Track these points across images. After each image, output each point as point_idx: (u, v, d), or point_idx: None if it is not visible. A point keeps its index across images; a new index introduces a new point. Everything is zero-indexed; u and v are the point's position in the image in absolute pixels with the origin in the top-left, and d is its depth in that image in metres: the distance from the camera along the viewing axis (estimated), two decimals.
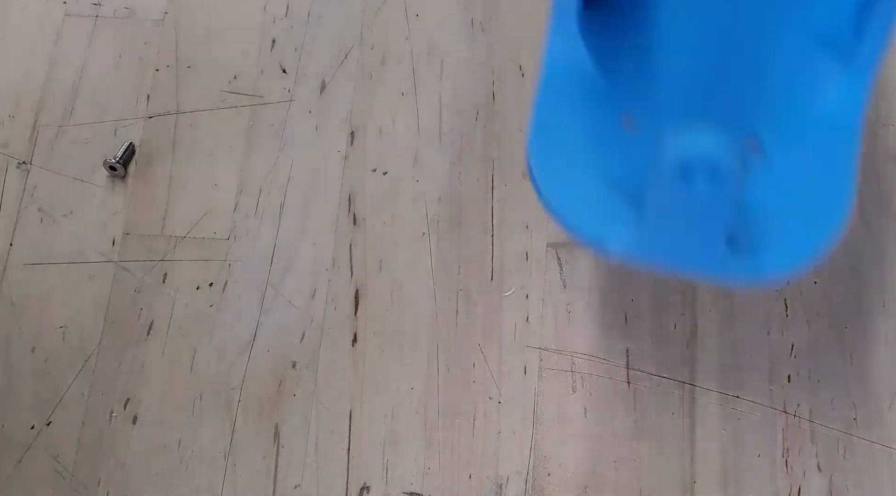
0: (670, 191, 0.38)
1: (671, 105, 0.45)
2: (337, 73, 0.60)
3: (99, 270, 0.57)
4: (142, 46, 0.61)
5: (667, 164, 0.37)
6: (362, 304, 0.55)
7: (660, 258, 0.42)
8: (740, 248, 0.42)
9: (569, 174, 0.44)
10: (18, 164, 0.59)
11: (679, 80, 0.46)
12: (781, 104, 0.45)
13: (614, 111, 0.45)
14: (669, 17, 0.47)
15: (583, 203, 0.43)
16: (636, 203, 0.41)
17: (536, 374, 0.53)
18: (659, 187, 0.38)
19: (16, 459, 0.53)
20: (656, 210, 0.39)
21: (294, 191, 0.58)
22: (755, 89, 0.45)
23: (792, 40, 0.46)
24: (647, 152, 0.42)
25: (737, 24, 0.47)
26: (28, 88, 0.61)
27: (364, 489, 0.52)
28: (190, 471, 0.52)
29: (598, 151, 0.44)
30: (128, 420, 0.54)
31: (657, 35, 0.46)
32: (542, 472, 0.51)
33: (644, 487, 0.51)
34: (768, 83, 0.46)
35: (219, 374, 0.54)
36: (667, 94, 0.45)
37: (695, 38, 0.46)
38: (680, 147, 0.37)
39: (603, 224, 0.42)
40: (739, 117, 0.45)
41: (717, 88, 0.45)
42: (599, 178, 0.43)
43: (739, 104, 0.45)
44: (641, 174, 0.41)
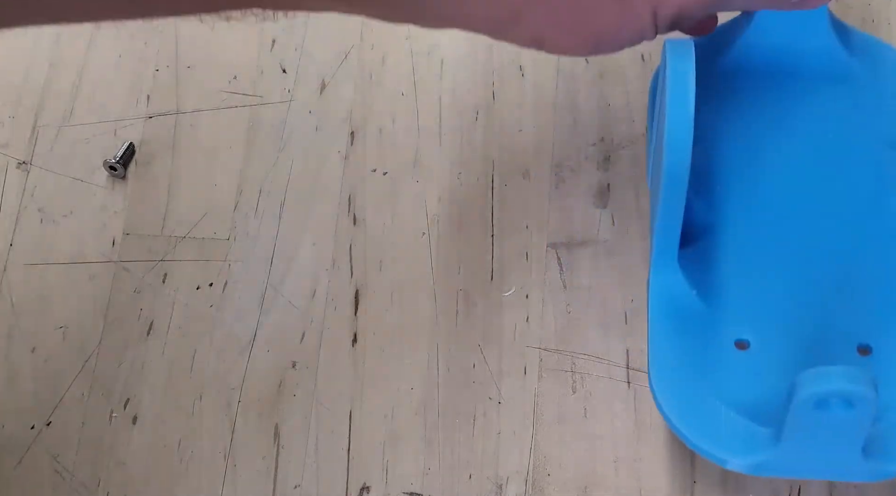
0: (807, 419, 0.41)
1: (778, 327, 0.48)
2: (337, 73, 0.60)
3: (99, 270, 0.57)
4: (142, 46, 0.61)
5: (803, 400, 0.40)
6: (362, 304, 0.55)
7: (793, 471, 0.45)
8: (873, 452, 0.44)
9: (692, 400, 0.46)
10: (18, 164, 0.59)
11: (782, 301, 0.48)
12: (883, 304, 0.48)
13: (726, 335, 0.48)
14: (754, 246, 0.50)
15: (710, 426, 0.46)
16: (761, 420, 0.45)
17: (536, 374, 0.53)
18: (796, 417, 0.41)
19: (16, 459, 0.53)
20: (793, 433, 0.42)
21: (294, 191, 0.58)
22: (854, 296, 0.48)
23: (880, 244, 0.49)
24: (762, 370, 0.47)
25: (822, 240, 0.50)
26: (28, 88, 0.61)
27: (364, 489, 0.52)
28: (190, 471, 0.52)
29: (716, 374, 0.47)
30: (128, 420, 0.54)
31: (751, 260, 0.50)
32: (542, 472, 0.51)
33: (644, 487, 0.51)
34: (867, 288, 0.48)
35: (219, 374, 0.54)
36: (771, 315, 0.48)
37: (786, 262, 0.49)
38: (814, 385, 0.40)
39: (732, 444, 0.45)
40: (846, 324, 0.48)
41: (817, 303, 0.48)
42: (721, 400, 0.46)
43: (843, 312, 0.48)
44: (760, 392, 0.46)
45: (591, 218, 0.56)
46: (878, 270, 0.49)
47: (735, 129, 0.53)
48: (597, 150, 0.58)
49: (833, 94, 0.53)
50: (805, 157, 0.52)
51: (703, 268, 0.50)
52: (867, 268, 0.49)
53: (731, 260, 0.50)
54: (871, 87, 0.53)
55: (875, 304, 0.48)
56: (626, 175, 0.57)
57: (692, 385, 0.47)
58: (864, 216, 0.50)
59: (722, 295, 0.49)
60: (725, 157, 0.52)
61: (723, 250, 0.50)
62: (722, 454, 0.45)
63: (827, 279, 0.49)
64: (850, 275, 0.49)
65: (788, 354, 0.47)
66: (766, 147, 0.52)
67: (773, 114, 0.53)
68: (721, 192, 0.51)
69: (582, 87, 0.59)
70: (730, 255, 0.50)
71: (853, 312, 0.48)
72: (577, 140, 0.58)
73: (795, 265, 0.49)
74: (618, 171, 0.57)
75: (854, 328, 0.48)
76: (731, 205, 0.51)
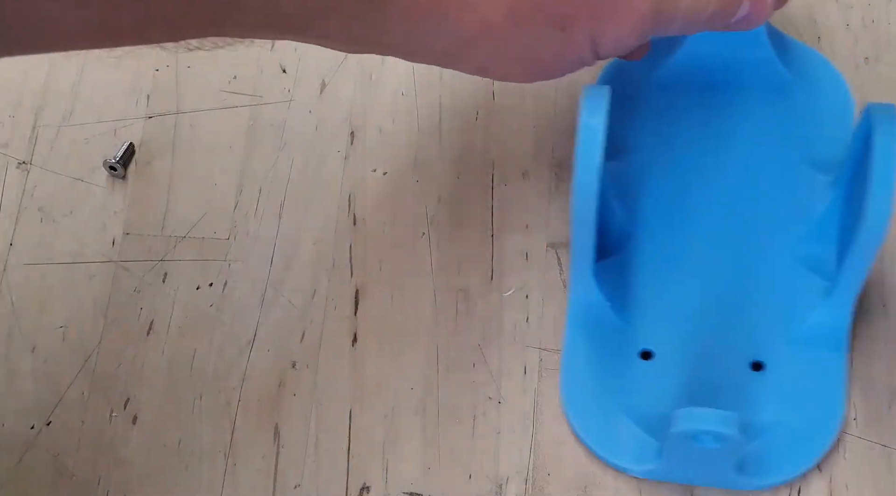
0: (682, 447, 0.45)
1: (680, 341, 0.50)
2: (337, 73, 0.60)
3: (99, 270, 0.57)
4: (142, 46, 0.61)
5: (676, 434, 0.44)
6: (362, 304, 0.55)
7: (677, 479, 0.49)
8: (749, 469, 0.48)
9: (595, 407, 0.50)
10: (18, 164, 0.59)
11: (685, 315, 0.51)
12: (778, 324, 0.50)
13: (633, 346, 0.51)
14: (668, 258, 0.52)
15: (609, 434, 0.49)
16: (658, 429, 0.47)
17: (536, 374, 0.53)
18: (672, 444, 0.45)
19: (16, 459, 0.53)
20: (671, 453, 0.46)
21: (294, 191, 0.58)
22: (752, 313, 0.51)
23: (783, 264, 0.51)
24: (662, 382, 0.50)
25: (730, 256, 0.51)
26: (28, 88, 0.61)
27: (364, 489, 0.52)
28: (190, 471, 0.52)
29: (621, 384, 0.50)
30: (128, 419, 0.54)
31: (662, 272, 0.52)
32: (542, 472, 0.51)
33: (644, 487, 0.51)
34: (764, 306, 0.51)
35: (219, 374, 0.54)
36: (675, 329, 0.51)
37: (695, 276, 0.51)
38: (686, 424, 0.43)
39: (625, 454, 0.49)
40: (742, 341, 0.50)
41: (718, 319, 0.51)
42: (623, 410, 0.49)
43: (741, 329, 0.50)
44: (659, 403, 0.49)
45: None
46: (776, 290, 0.51)
47: (665, 139, 0.54)
48: None
49: (765, 107, 0.54)
50: (725, 170, 0.53)
51: (618, 280, 0.52)
52: (766, 287, 0.51)
53: (643, 271, 0.52)
54: (802, 102, 0.54)
55: (770, 323, 0.50)
56: None
57: (598, 395, 0.50)
58: (770, 235, 0.52)
59: (633, 306, 0.51)
60: (652, 167, 0.53)
61: (637, 262, 0.52)
62: (617, 462, 0.49)
63: (729, 295, 0.51)
64: (750, 292, 0.51)
65: (687, 368, 0.50)
66: (690, 159, 0.53)
67: (703, 125, 0.54)
68: (643, 202, 0.53)
69: (582, 87, 0.59)
70: (643, 267, 0.52)
71: (749, 329, 0.50)
72: None
73: (702, 279, 0.51)
74: None
75: (749, 344, 0.50)
76: (649, 216, 0.53)
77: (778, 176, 0.53)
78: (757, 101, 0.54)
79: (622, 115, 0.53)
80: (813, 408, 0.49)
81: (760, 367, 0.50)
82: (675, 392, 0.49)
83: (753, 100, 0.54)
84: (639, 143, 0.54)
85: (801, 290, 0.51)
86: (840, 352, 0.50)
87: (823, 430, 0.49)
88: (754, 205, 0.52)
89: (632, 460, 0.49)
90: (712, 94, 0.54)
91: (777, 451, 0.49)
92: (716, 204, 0.53)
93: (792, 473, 0.49)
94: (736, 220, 0.52)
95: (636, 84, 0.55)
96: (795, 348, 0.50)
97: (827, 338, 0.50)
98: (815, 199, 0.52)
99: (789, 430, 0.49)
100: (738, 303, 0.51)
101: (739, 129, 0.54)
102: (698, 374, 0.50)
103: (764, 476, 0.48)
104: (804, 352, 0.50)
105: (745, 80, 0.54)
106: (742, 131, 0.54)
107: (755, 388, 0.49)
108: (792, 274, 0.51)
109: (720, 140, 0.54)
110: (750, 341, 0.50)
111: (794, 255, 0.51)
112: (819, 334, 0.50)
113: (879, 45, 0.59)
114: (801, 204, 0.52)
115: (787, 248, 0.51)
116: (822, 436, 0.49)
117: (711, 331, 0.50)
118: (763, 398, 0.49)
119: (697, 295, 0.51)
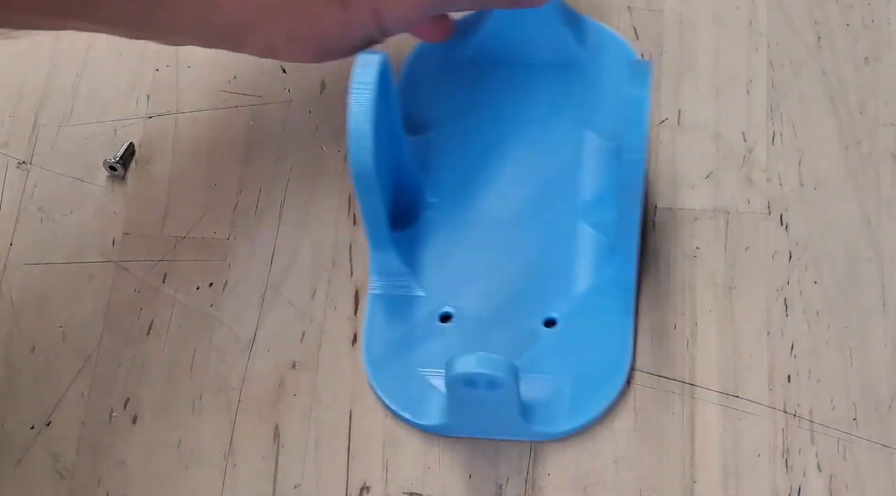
0: (462, 394, 0.47)
1: (477, 302, 0.53)
2: (337, 74, 0.60)
3: (99, 270, 0.57)
4: (142, 46, 0.61)
5: (452, 379, 0.46)
6: (362, 304, 0.55)
7: (467, 431, 0.51)
8: (536, 415, 0.50)
9: (397, 370, 0.52)
10: (18, 164, 0.59)
11: (480, 278, 0.54)
12: (568, 283, 0.53)
13: (433, 310, 0.53)
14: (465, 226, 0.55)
15: (405, 389, 0.52)
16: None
17: None
18: (452, 392, 0.47)
19: (16, 459, 0.53)
20: (454, 402, 0.48)
21: (294, 190, 0.58)
22: (545, 275, 0.54)
23: (572, 227, 0.54)
24: (461, 343, 0.52)
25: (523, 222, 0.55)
26: (28, 88, 0.61)
27: (364, 489, 0.52)
28: (190, 471, 0.52)
29: (421, 347, 0.53)
30: (128, 420, 0.54)
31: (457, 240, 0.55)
32: (542, 472, 0.51)
33: (644, 487, 0.51)
34: (556, 268, 0.54)
35: (219, 374, 0.54)
36: (471, 292, 0.53)
37: (490, 242, 0.54)
38: (458, 368, 0.45)
39: (422, 410, 0.51)
40: (535, 300, 0.53)
41: (513, 282, 0.53)
42: (425, 371, 0.52)
43: (535, 289, 0.53)
44: None
45: None
46: (567, 252, 0.54)
47: (466, 114, 0.57)
48: None
49: (559, 81, 0.58)
50: (520, 142, 0.56)
51: (418, 248, 0.54)
52: (557, 250, 0.54)
53: (442, 239, 0.55)
54: (594, 76, 0.58)
55: (560, 282, 0.53)
56: None
57: (400, 358, 0.52)
58: (560, 201, 0.55)
59: (431, 273, 0.54)
60: (452, 140, 0.57)
61: (436, 230, 0.55)
62: (413, 418, 0.51)
63: (522, 259, 0.54)
64: (542, 255, 0.54)
65: (484, 328, 0.53)
66: (487, 132, 0.57)
67: (500, 100, 0.57)
68: (442, 174, 0.56)
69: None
70: (440, 235, 0.55)
71: (542, 289, 0.53)
72: None
73: (497, 245, 0.54)
74: None
75: (542, 303, 0.53)
76: (448, 186, 0.56)
77: (568, 146, 0.56)
78: (551, 76, 0.57)
79: (427, 92, 0.57)
80: (602, 360, 0.52)
81: (553, 324, 0.53)
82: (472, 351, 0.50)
83: (548, 75, 0.57)
84: (441, 117, 0.57)
85: (589, 251, 0.53)
86: (627, 304, 0.53)
87: (612, 378, 0.52)
88: (546, 173, 0.55)
89: (427, 416, 0.51)
90: (511, 70, 0.58)
91: (569, 401, 0.51)
92: (510, 174, 0.56)
93: (580, 420, 0.51)
94: (528, 188, 0.55)
95: (441, 63, 0.58)
96: (585, 304, 0.53)
97: (613, 292, 0.53)
98: (601, 166, 0.55)
99: (581, 380, 0.51)
100: (531, 265, 0.54)
101: (534, 102, 0.57)
102: (495, 334, 0.52)
103: (554, 424, 0.51)
104: (593, 307, 0.53)
105: (540, 56, 0.57)
106: (536, 105, 0.57)
107: (549, 343, 0.52)
108: (581, 236, 0.54)
109: (515, 113, 0.57)
110: (543, 300, 0.53)
111: (584, 219, 0.54)
112: (606, 289, 0.53)
113: (879, 45, 0.59)
114: (589, 171, 0.55)
115: (576, 213, 0.54)
116: (610, 384, 0.52)
117: (507, 294, 0.53)
118: (556, 352, 0.52)
119: (493, 260, 0.54)
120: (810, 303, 0.54)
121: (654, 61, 0.59)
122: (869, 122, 0.58)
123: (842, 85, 0.59)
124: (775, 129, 0.58)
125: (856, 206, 0.56)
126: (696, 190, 0.57)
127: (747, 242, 0.56)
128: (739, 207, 0.56)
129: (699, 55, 0.60)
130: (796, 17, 0.60)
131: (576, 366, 0.52)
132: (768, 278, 0.55)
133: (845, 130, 0.58)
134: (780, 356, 0.53)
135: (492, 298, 0.53)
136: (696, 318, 0.54)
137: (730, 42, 0.60)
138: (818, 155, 0.57)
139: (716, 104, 0.59)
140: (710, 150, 0.58)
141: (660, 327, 0.54)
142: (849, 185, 0.57)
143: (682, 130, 0.58)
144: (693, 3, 0.61)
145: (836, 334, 0.54)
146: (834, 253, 0.55)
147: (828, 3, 0.61)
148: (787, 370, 0.53)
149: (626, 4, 0.61)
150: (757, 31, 0.60)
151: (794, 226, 0.56)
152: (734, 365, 0.53)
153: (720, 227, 0.56)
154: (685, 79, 0.59)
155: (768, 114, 0.58)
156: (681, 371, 0.53)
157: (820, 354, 0.53)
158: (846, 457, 0.51)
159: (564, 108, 0.57)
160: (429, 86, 0.58)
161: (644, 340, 0.53)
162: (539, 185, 0.55)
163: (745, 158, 0.57)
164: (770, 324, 0.54)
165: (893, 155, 0.57)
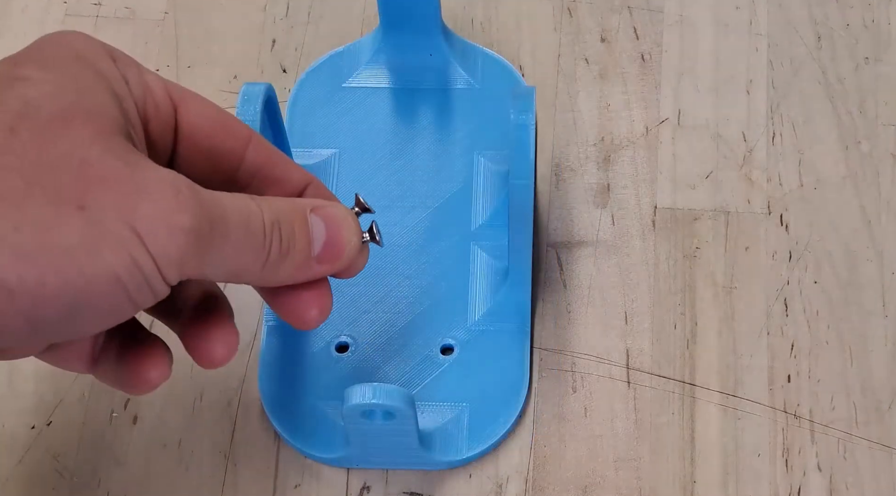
0: (359, 425, 0.47)
1: (374, 332, 0.53)
2: None
3: None
4: (142, 46, 0.61)
5: (349, 410, 0.46)
6: None
7: (368, 462, 0.51)
8: (435, 444, 0.50)
9: (293, 402, 0.52)
10: None
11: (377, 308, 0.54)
12: (464, 309, 0.53)
13: (329, 341, 0.53)
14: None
15: (302, 426, 0.52)
16: None
17: (536, 374, 0.53)
18: (349, 423, 0.47)
19: (16, 459, 0.53)
20: (353, 433, 0.48)
21: None
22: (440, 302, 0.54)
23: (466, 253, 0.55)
24: (358, 373, 0.52)
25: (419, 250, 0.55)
26: None
27: (364, 489, 0.52)
28: (190, 471, 0.52)
29: (318, 378, 0.53)
30: (128, 420, 0.54)
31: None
32: (542, 472, 0.51)
33: (644, 487, 0.51)
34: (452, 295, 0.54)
35: (219, 374, 0.54)
36: (367, 321, 0.54)
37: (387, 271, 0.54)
38: (354, 399, 0.45)
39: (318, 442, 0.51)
40: (432, 328, 0.53)
41: (410, 310, 0.54)
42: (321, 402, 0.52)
43: (431, 317, 0.53)
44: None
45: (591, 218, 0.56)
46: (458, 277, 0.54)
47: (360, 140, 0.57)
48: (597, 150, 0.58)
49: (449, 108, 0.58)
50: (415, 170, 0.57)
51: None
52: (453, 276, 0.54)
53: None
54: (483, 103, 0.58)
55: (456, 308, 0.53)
56: (626, 175, 0.57)
57: (295, 388, 0.52)
58: (455, 228, 0.55)
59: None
60: (343, 168, 0.57)
61: None
62: (310, 451, 0.51)
63: (419, 287, 0.54)
64: (438, 282, 0.54)
65: (381, 357, 0.53)
66: (382, 159, 0.57)
67: (394, 128, 0.57)
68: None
69: (582, 87, 0.59)
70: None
71: (437, 316, 0.53)
72: (577, 140, 0.58)
73: (394, 273, 0.54)
74: (618, 171, 0.57)
75: (438, 330, 0.53)
76: None
77: (460, 171, 0.56)
78: (441, 102, 0.58)
79: (315, 121, 0.58)
80: (499, 385, 0.52)
81: (450, 351, 0.53)
82: (369, 381, 0.51)
83: (439, 102, 0.58)
84: (335, 144, 0.57)
85: (483, 276, 0.54)
86: (523, 327, 0.53)
87: (510, 403, 0.52)
88: (439, 199, 0.56)
89: (324, 448, 0.51)
90: (400, 96, 0.58)
91: (467, 427, 0.51)
92: (406, 202, 0.56)
93: (480, 446, 0.51)
94: (422, 215, 0.55)
95: (329, 91, 0.59)
96: (481, 329, 0.53)
97: (509, 316, 0.53)
98: (493, 191, 0.56)
99: (479, 406, 0.52)
100: (427, 292, 0.54)
101: (426, 130, 0.57)
102: (392, 363, 0.53)
103: (453, 452, 0.51)
104: (489, 332, 0.53)
105: (431, 84, 0.58)
106: (429, 132, 0.57)
107: (446, 371, 0.52)
108: (475, 261, 0.54)
109: (409, 141, 0.57)
110: (439, 327, 0.53)
111: (477, 244, 0.54)
112: (501, 314, 0.53)
113: (879, 45, 0.60)
114: (480, 196, 0.56)
115: (470, 239, 0.55)
116: (508, 409, 0.52)
117: (404, 322, 0.53)
118: (453, 379, 0.52)
119: (389, 288, 0.54)
120: (810, 303, 0.54)
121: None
122: (869, 122, 0.58)
123: (842, 85, 0.59)
124: (775, 129, 0.58)
125: (856, 206, 0.56)
126: (695, 190, 0.57)
127: (747, 242, 0.56)
128: (739, 207, 0.56)
129: (699, 55, 0.60)
130: (796, 17, 0.60)
131: (473, 393, 0.52)
132: (768, 278, 0.55)
133: (845, 130, 0.58)
134: (780, 356, 0.53)
135: (388, 327, 0.53)
136: (696, 318, 0.54)
137: (730, 42, 0.60)
138: (818, 155, 0.57)
139: (716, 104, 0.59)
140: (710, 149, 0.58)
141: (660, 327, 0.54)
142: (849, 185, 0.57)
143: (682, 130, 0.58)
144: (693, 3, 0.61)
145: (836, 334, 0.54)
146: (834, 253, 0.55)
147: (828, 3, 0.61)
148: (787, 370, 0.53)
149: (626, 4, 0.61)
150: (757, 31, 0.60)
151: (794, 226, 0.56)
152: (734, 365, 0.53)
153: (720, 227, 0.56)
154: (685, 79, 0.59)
155: (768, 114, 0.58)
156: (681, 371, 0.53)
157: (820, 354, 0.53)
158: (846, 457, 0.51)
159: (455, 134, 0.57)
160: (317, 114, 0.58)
161: (644, 340, 0.53)
162: (432, 211, 0.55)
163: (745, 158, 0.57)
164: (770, 324, 0.54)
165: (893, 155, 0.57)
